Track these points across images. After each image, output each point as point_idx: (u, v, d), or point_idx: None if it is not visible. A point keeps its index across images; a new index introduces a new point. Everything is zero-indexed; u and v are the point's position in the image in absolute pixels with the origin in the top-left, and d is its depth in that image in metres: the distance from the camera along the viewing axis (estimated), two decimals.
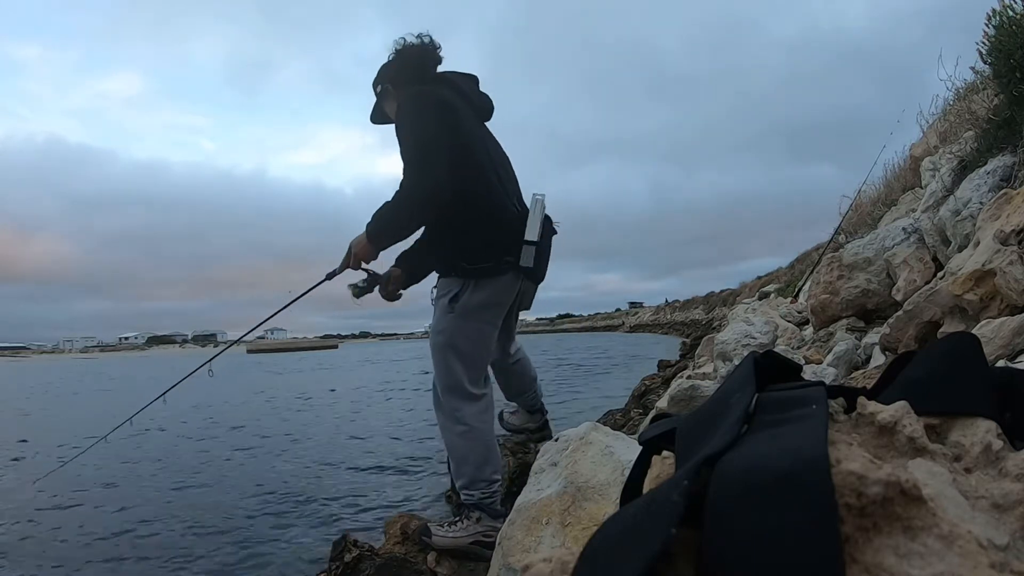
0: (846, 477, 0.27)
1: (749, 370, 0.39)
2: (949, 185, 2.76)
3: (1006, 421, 0.40)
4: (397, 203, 1.79)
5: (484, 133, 2.02)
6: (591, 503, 0.99)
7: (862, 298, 2.53)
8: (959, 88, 4.03)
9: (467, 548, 1.82)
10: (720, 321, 14.38)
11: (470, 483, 1.88)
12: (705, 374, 2.89)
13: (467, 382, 1.90)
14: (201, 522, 3.00)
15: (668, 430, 0.40)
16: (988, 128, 2.68)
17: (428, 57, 1.99)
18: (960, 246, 2.17)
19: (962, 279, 1.51)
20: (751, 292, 16.27)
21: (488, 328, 1.94)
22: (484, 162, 1.90)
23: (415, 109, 1.82)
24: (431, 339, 1.95)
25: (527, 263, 1.86)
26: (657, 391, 4.76)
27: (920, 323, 1.64)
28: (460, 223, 1.86)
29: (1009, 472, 0.36)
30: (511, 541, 1.02)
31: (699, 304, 35.76)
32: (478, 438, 1.89)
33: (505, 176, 1.99)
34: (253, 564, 2.43)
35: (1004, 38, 2.53)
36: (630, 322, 56.59)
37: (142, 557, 2.57)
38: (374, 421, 6.39)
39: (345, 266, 1.99)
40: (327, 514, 3.04)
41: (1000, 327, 1.23)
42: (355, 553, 1.84)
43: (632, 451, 1.03)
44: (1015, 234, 1.50)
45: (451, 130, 1.81)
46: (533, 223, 1.87)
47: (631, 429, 3.41)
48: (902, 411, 0.37)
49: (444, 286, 1.94)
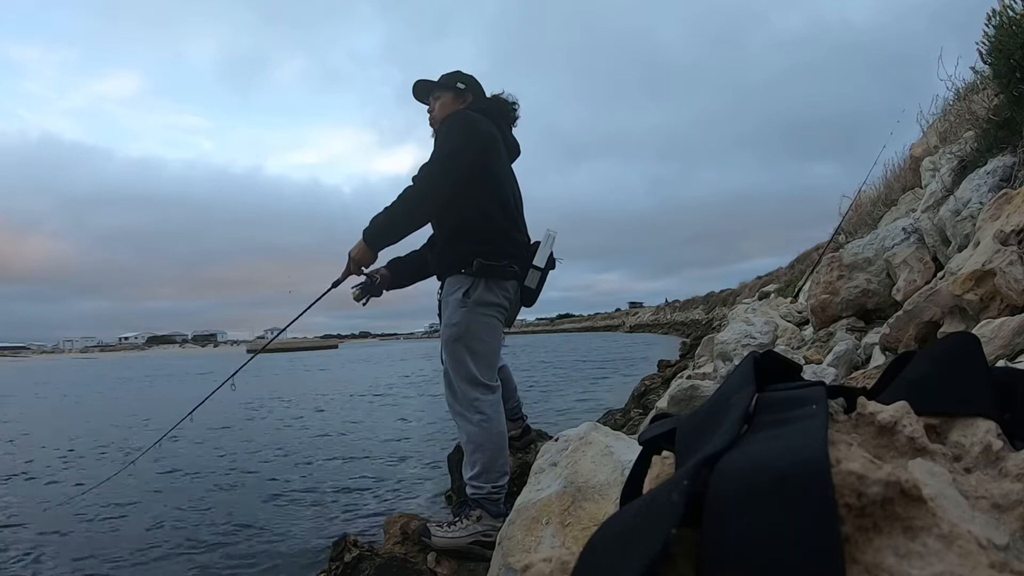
0: (846, 477, 0.27)
1: (749, 370, 0.39)
2: (949, 185, 2.76)
3: (1006, 421, 0.40)
4: (395, 207, 1.93)
5: (511, 172, 2.19)
6: (591, 503, 0.99)
7: (862, 298, 2.53)
8: (959, 88, 4.04)
9: (467, 548, 1.82)
10: (720, 321, 14.38)
11: (482, 473, 1.90)
12: (705, 374, 2.89)
13: (481, 374, 1.96)
14: (202, 522, 3.00)
15: (668, 430, 0.40)
16: (988, 128, 2.68)
17: (497, 104, 2.18)
18: (960, 246, 2.17)
19: (962, 279, 1.51)
20: (751, 292, 16.27)
21: (497, 324, 2.02)
22: (508, 196, 2.07)
23: (462, 128, 1.98)
24: (444, 332, 1.99)
25: (531, 284, 2.03)
26: (657, 391, 4.77)
27: (920, 323, 1.64)
28: (478, 230, 1.97)
29: (1009, 472, 0.36)
30: (511, 541, 1.02)
31: (699, 304, 35.76)
32: (495, 429, 1.93)
33: (519, 213, 2.15)
34: (253, 564, 2.44)
35: (1004, 38, 2.53)
36: (630, 322, 56.60)
37: (143, 557, 2.57)
38: (374, 421, 6.39)
39: (347, 274, 2.14)
40: (327, 514, 3.04)
41: (1000, 327, 1.23)
42: (355, 553, 1.84)
43: (632, 451, 1.03)
44: (1015, 234, 1.50)
45: (494, 160, 2.01)
46: (543, 252, 2.05)
47: (631, 429, 3.41)
48: (902, 411, 0.37)
49: (454, 283, 1.99)
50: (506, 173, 2.11)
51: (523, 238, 2.10)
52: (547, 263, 2.06)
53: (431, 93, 2.16)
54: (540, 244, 2.06)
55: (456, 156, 1.93)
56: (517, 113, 2.22)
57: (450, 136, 1.96)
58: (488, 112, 2.10)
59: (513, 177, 2.17)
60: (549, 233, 2.08)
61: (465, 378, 1.95)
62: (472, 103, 2.13)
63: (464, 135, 1.95)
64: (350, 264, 2.09)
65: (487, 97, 2.18)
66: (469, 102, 2.13)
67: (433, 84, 2.15)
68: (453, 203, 1.95)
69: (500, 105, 2.19)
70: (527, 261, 2.03)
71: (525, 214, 2.18)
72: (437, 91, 2.15)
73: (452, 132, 1.96)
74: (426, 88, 2.16)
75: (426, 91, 2.17)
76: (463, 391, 1.95)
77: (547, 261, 2.06)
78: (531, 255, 2.04)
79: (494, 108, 2.16)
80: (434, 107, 2.15)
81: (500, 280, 1.98)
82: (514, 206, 2.09)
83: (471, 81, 2.16)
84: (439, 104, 2.14)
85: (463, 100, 2.13)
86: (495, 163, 2.03)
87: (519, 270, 2.01)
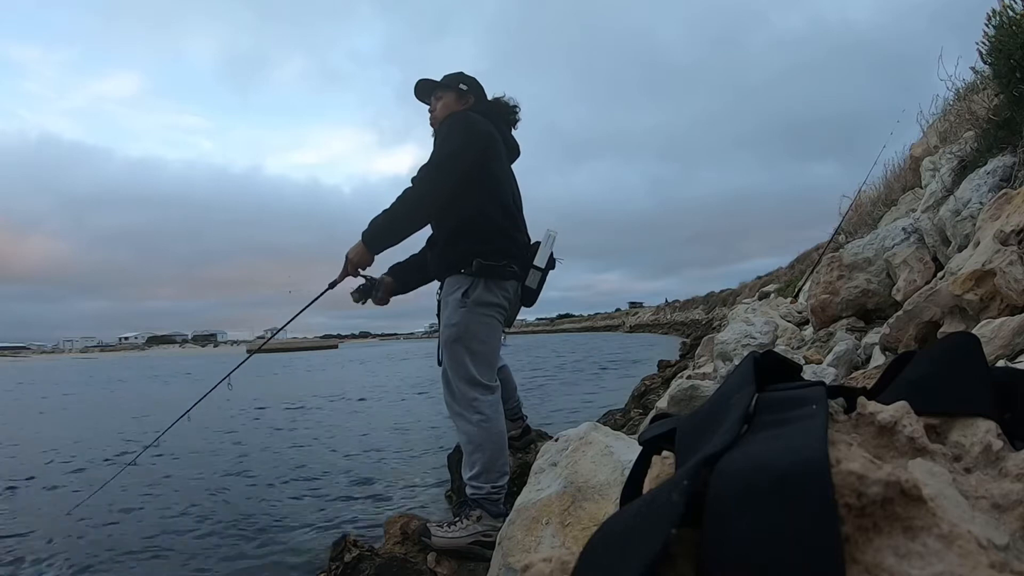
0: (846, 477, 0.27)
1: (749, 370, 0.39)
2: (949, 185, 2.76)
3: (1006, 421, 0.40)
4: (394, 209, 1.94)
5: (511, 173, 2.19)
6: (591, 503, 0.99)
7: (862, 298, 2.53)
8: (959, 88, 4.04)
9: (467, 548, 1.82)
10: (720, 321, 14.38)
11: (482, 473, 1.90)
12: (705, 374, 2.89)
13: (480, 374, 1.96)
14: (200, 523, 3.00)
15: (668, 430, 0.40)
16: (988, 128, 2.68)
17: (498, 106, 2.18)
18: (960, 246, 2.17)
19: (962, 279, 1.51)
20: (751, 292, 16.27)
21: (496, 324, 2.02)
22: (508, 196, 2.07)
23: (462, 129, 1.98)
24: (443, 333, 1.99)
25: (531, 284, 2.04)
26: (657, 391, 4.77)
27: (920, 323, 1.64)
28: (477, 230, 1.97)
29: (1009, 472, 0.36)
30: (511, 541, 1.02)
31: (699, 304, 35.75)
32: (494, 429, 1.93)
33: (519, 213, 2.15)
34: (253, 564, 2.44)
35: (1004, 38, 2.53)
36: (630, 322, 56.60)
37: (142, 557, 2.57)
38: (374, 421, 6.39)
39: (344, 275, 2.14)
40: (327, 514, 3.04)
41: (1000, 327, 1.23)
42: (355, 553, 1.83)
43: (632, 451, 1.03)
44: (1015, 234, 1.50)
45: (493, 160, 2.02)
46: (544, 252, 2.05)
47: (631, 429, 3.41)
48: (902, 411, 0.37)
49: (453, 283, 1.99)
50: (506, 174, 2.11)
51: (523, 238, 2.10)
52: (547, 263, 2.07)
53: (433, 93, 2.17)
54: (540, 244, 2.07)
55: (455, 157, 1.94)
56: (518, 116, 2.22)
57: (449, 137, 1.96)
58: (489, 114, 2.10)
59: (513, 178, 2.17)
60: (549, 233, 2.09)
61: (464, 378, 1.95)
62: (473, 105, 2.13)
63: (463, 135, 1.96)
64: (347, 265, 2.09)
65: (488, 100, 2.18)
66: (471, 103, 2.13)
67: (435, 84, 2.15)
68: (453, 204, 1.96)
69: (501, 107, 2.19)
70: (527, 261, 2.04)
71: (525, 214, 2.19)
72: (439, 91, 2.15)
73: (452, 132, 1.97)
74: (428, 87, 2.17)
75: (428, 90, 2.17)
76: (462, 391, 1.95)
77: (547, 261, 2.07)
78: (531, 255, 2.05)
79: (495, 110, 2.16)
80: (436, 107, 2.15)
81: (500, 280, 1.98)
82: (514, 206, 2.10)
83: (473, 83, 2.16)
84: (441, 104, 2.14)
85: (465, 101, 2.13)
86: (495, 163, 2.03)
87: (519, 270, 2.02)
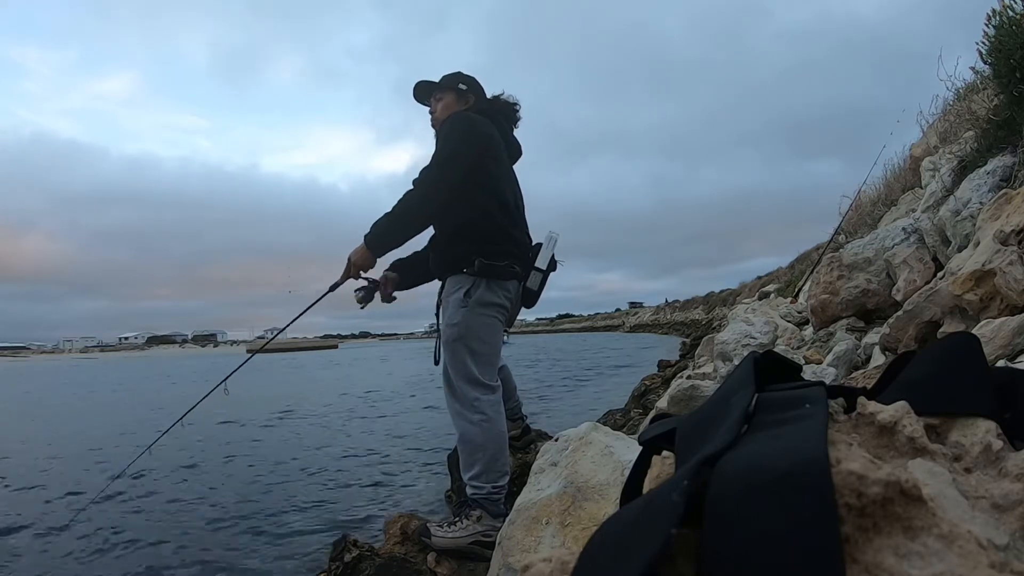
0: (846, 477, 0.27)
1: (749, 370, 0.39)
2: (949, 185, 2.76)
3: (1006, 421, 0.40)
4: (396, 211, 1.94)
5: (512, 173, 2.19)
6: (591, 503, 0.99)
7: (862, 298, 2.53)
8: (959, 88, 4.03)
9: (467, 548, 1.82)
10: (720, 321, 14.37)
11: (482, 473, 1.89)
12: (705, 374, 2.89)
13: (481, 373, 1.96)
14: (199, 523, 3.00)
15: (668, 430, 0.40)
16: (988, 128, 2.68)
17: (498, 105, 2.18)
18: (960, 246, 2.17)
19: (962, 279, 1.51)
20: (751, 292, 16.27)
21: (498, 324, 2.02)
22: (509, 196, 2.07)
23: (462, 129, 1.97)
24: (445, 332, 1.99)
25: (532, 285, 2.05)
26: (657, 391, 4.77)
27: (920, 323, 1.64)
28: (479, 230, 1.97)
29: (1009, 472, 0.36)
30: (511, 541, 1.02)
31: (699, 304, 35.76)
32: (495, 429, 1.93)
33: (520, 213, 2.15)
34: (254, 564, 2.43)
35: (1004, 38, 2.52)
36: (630, 322, 56.61)
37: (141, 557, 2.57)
38: (374, 422, 6.39)
39: (346, 277, 2.13)
40: (327, 514, 3.04)
41: (1000, 327, 1.23)
42: (355, 553, 1.83)
43: (632, 451, 1.03)
44: (1015, 234, 1.50)
45: (493, 161, 2.01)
46: (545, 254, 2.06)
47: (631, 429, 3.41)
48: (902, 411, 0.37)
49: (455, 283, 1.99)
50: (507, 174, 2.11)
51: (524, 238, 2.10)
52: (548, 265, 2.07)
53: (432, 94, 2.16)
54: (542, 246, 2.07)
55: (456, 157, 1.93)
56: (518, 114, 2.22)
57: (450, 137, 1.96)
58: (489, 113, 2.10)
59: (514, 178, 2.17)
60: (551, 235, 2.09)
61: (465, 378, 1.95)
62: (474, 104, 2.13)
63: (464, 136, 1.95)
64: (349, 268, 2.09)
65: (488, 98, 2.18)
66: (471, 103, 2.13)
67: (434, 85, 2.15)
68: (454, 204, 1.96)
69: (501, 106, 2.19)
70: (529, 262, 2.04)
71: (526, 214, 2.19)
72: (439, 92, 2.15)
73: (452, 133, 1.96)
74: (427, 89, 2.16)
75: (427, 92, 2.17)
76: (463, 391, 1.95)
77: (549, 263, 2.07)
78: (533, 256, 2.05)
79: (495, 109, 2.16)
80: (436, 108, 2.15)
81: (501, 280, 1.98)
82: (515, 206, 2.10)
83: (472, 82, 2.16)
84: (441, 105, 2.14)
85: (465, 101, 2.13)
86: (496, 164, 2.03)
87: (520, 270, 2.02)
